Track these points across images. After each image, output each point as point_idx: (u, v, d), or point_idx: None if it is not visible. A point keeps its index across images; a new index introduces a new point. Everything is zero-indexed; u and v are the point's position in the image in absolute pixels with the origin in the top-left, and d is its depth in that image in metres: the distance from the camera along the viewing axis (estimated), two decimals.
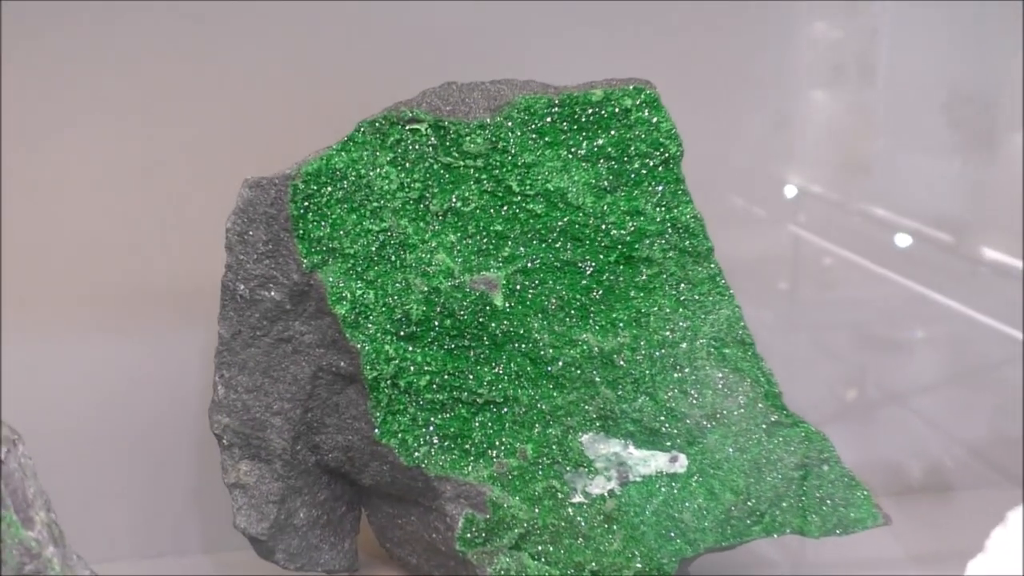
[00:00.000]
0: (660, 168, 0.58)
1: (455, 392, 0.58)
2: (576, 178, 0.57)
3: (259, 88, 0.72)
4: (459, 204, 0.57)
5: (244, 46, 0.72)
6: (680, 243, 0.59)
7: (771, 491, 0.59)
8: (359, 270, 0.57)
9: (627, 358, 0.59)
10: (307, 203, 0.56)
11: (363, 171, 0.56)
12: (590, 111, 0.57)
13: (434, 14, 0.73)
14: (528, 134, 0.57)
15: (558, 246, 0.58)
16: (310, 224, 0.56)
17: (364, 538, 0.67)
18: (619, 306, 0.59)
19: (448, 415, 0.58)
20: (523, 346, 0.58)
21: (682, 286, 0.59)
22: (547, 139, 0.57)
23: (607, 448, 0.59)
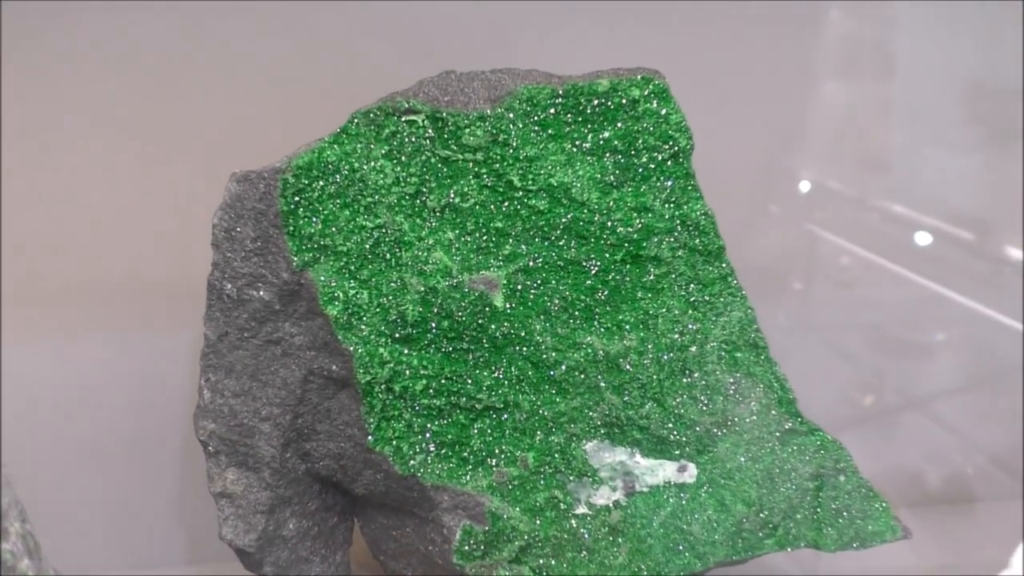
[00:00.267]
0: (669, 162, 0.57)
1: (453, 397, 0.57)
2: (581, 173, 0.57)
3: (249, 78, 0.72)
4: (457, 200, 0.56)
5: (235, 36, 0.71)
6: (690, 241, 0.58)
7: (785, 502, 0.59)
8: (352, 269, 0.56)
9: (634, 362, 0.58)
10: (298, 198, 0.55)
11: (357, 164, 0.55)
12: (596, 102, 0.56)
13: None
14: (530, 126, 0.56)
15: (561, 244, 0.57)
16: (301, 220, 0.55)
17: (357, 550, 0.68)
18: (625, 307, 0.58)
19: (445, 421, 0.57)
20: (524, 349, 0.57)
21: (692, 286, 0.59)
22: (550, 131, 0.56)
23: (612, 457, 0.58)
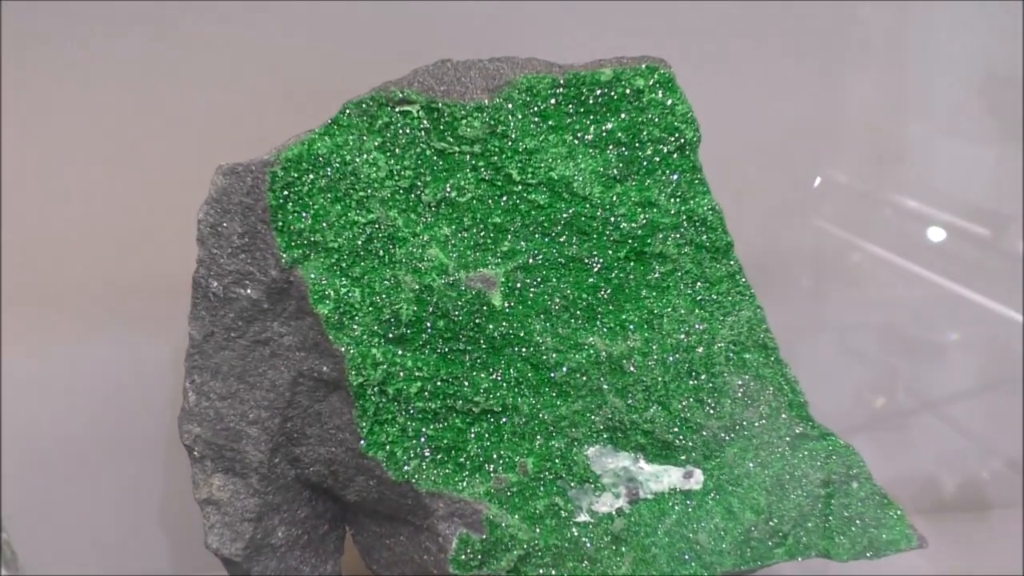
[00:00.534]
0: (675, 155, 0.56)
1: (449, 400, 0.56)
2: (583, 166, 0.56)
3: (237, 68, 0.71)
4: (454, 194, 0.56)
5: (222, 24, 0.71)
6: (696, 237, 0.57)
7: (795, 510, 0.58)
8: (344, 266, 0.55)
9: (638, 363, 0.57)
10: (287, 192, 0.54)
11: (348, 157, 0.55)
12: (598, 92, 0.55)
13: None
14: (530, 117, 0.55)
15: (562, 240, 0.56)
16: (290, 215, 0.54)
17: (348, 560, 0.67)
18: (629, 307, 0.57)
19: (441, 425, 0.57)
20: (523, 350, 0.57)
21: (698, 285, 0.58)
22: (551, 123, 0.56)
23: (615, 462, 0.58)
